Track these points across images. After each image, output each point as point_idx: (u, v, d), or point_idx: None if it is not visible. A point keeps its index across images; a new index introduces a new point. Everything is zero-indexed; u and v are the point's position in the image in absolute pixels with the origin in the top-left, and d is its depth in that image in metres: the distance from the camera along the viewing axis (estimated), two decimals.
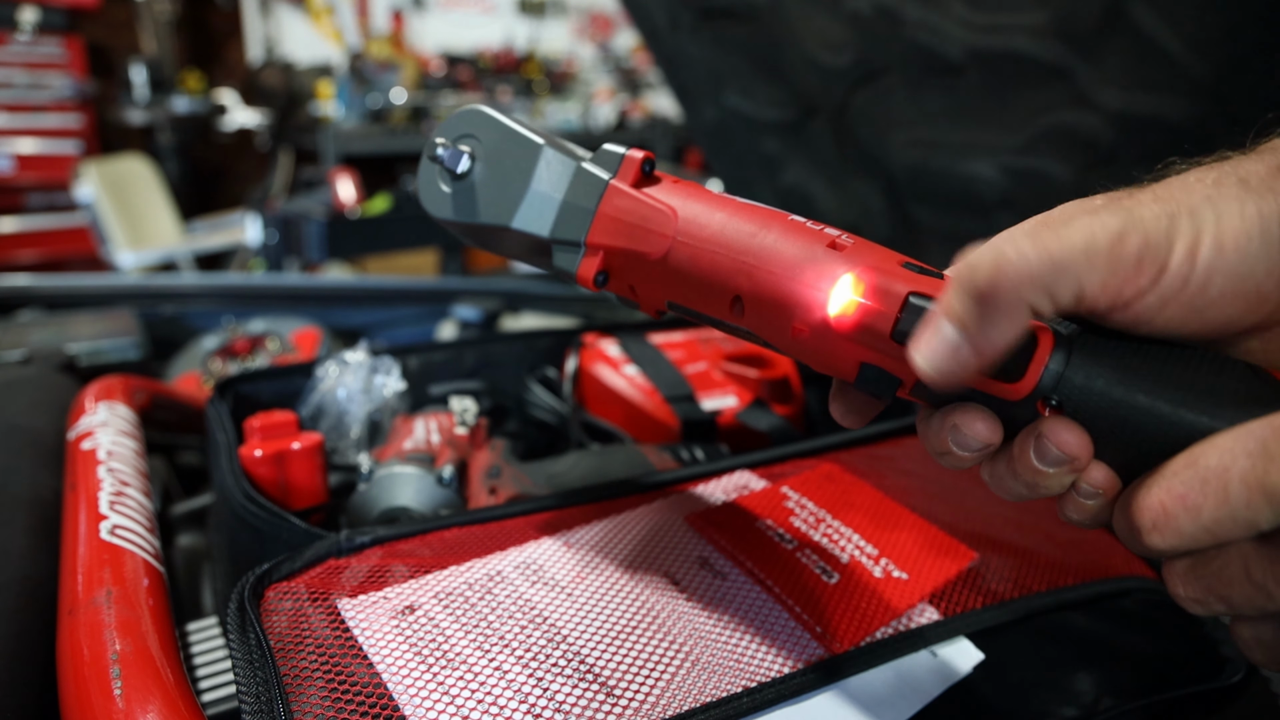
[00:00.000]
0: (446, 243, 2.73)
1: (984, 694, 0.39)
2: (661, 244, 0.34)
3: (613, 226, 0.36)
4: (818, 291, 0.30)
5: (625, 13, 1.17)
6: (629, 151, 0.37)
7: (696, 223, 0.34)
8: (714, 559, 0.44)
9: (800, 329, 0.31)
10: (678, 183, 0.36)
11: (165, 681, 0.37)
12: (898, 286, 0.29)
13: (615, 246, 0.36)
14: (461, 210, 0.40)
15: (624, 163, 0.36)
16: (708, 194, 0.35)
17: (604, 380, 0.70)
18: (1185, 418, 0.25)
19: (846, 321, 0.29)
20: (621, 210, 0.35)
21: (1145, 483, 0.25)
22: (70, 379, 0.76)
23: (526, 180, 0.38)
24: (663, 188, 0.36)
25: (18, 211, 3.53)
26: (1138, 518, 0.25)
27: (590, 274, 0.36)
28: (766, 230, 0.32)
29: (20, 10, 3.34)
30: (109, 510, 0.48)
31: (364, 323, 1.22)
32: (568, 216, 0.37)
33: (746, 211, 0.33)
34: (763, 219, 0.33)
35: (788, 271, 0.31)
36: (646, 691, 0.35)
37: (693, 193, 0.35)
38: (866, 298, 0.29)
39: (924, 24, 0.80)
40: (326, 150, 3.53)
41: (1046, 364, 0.27)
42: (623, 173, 0.36)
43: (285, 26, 4.15)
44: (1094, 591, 0.45)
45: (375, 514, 0.54)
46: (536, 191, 0.38)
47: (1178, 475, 0.24)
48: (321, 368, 0.67)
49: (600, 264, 0.36)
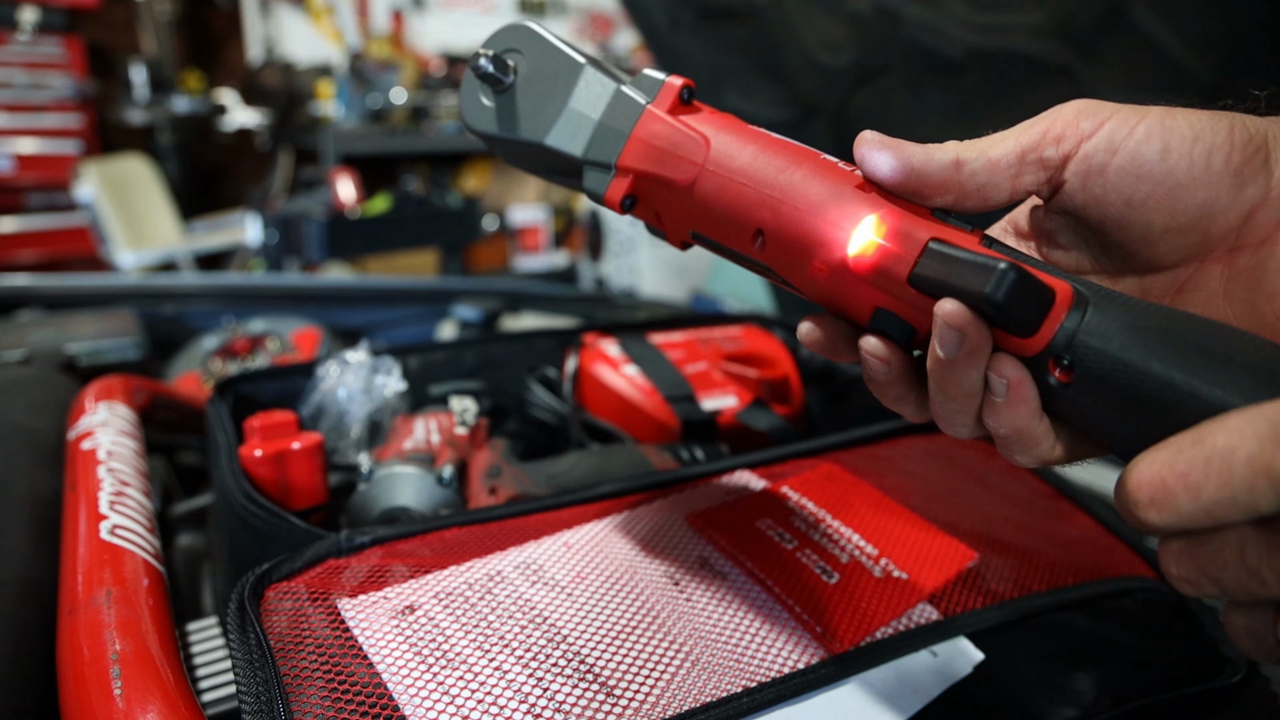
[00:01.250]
0: (446, 242, 2.73)
1: (984, 694, 0.39)
2: (690, 171, 0.34)
3: (645, 151, 0.35)
4: (839, 230, 0.30)
5: (625, 13, 1.17)
6: (669, 77, 0.36)
7: (727, 153, 0.33)
8: (714, 559, 0.44)
9: (819, 268, 0.31)
10: (715, 114, 0.36)
11: (165, 681, 0.37)
12: (920, 231, 0.28)
13: (645, 171, 0.35)
14: (499, 123, 0.40)
15: (663, 88, 0.36)
16: (744, 127, 0.35)
17: (604, 380, 0.70)
18: (1199, 391, 0.24)
19: (865, 262, 0.29)
20: (655, 135, 0.35)
21: (1148, 456, 0.24)
22: (70, 379, 0.76)
23: (565, 98, 0.37)
24: (700, 117, 0.35)
25: (18, 211, 3.53)
26: (1137, 491, 0.24)
27: (618, 197, 0.36)
28: (796, 166, 0.32)
29: (20, 10, 3.34)
30: (109, 510, 0.48)
31: (364, 323, 1.22)
32: (602, 137, 0.37)
33: (779, 147, 0.33)
34: (795, 155, 0.32)
35: (812, 208, 0.31)
36: (646, 691, 0.35)
37: (729, 124, 0.35)
38: (887, 240, 0.29)
39: (924, 24, 0.80)
40: (326, 150, 3.53)
41: (1062, 321, 0.26)
42: (661, 98, 0.36)
43: (285, 26, 4.15)
44: (1094, 591, 0.45)
45: (375, 514, 0.54)
46: (574, 110, 0.37)
47: (1183, 452, 0.23)
48: (322, 368, 0.67)
49: (629, 188, 0.36)
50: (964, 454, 0.59)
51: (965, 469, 0.57)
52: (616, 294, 1.28)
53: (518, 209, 4.20)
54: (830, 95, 0.96)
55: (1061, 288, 0.27)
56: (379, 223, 2.41)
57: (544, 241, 4.27)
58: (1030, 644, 0.42)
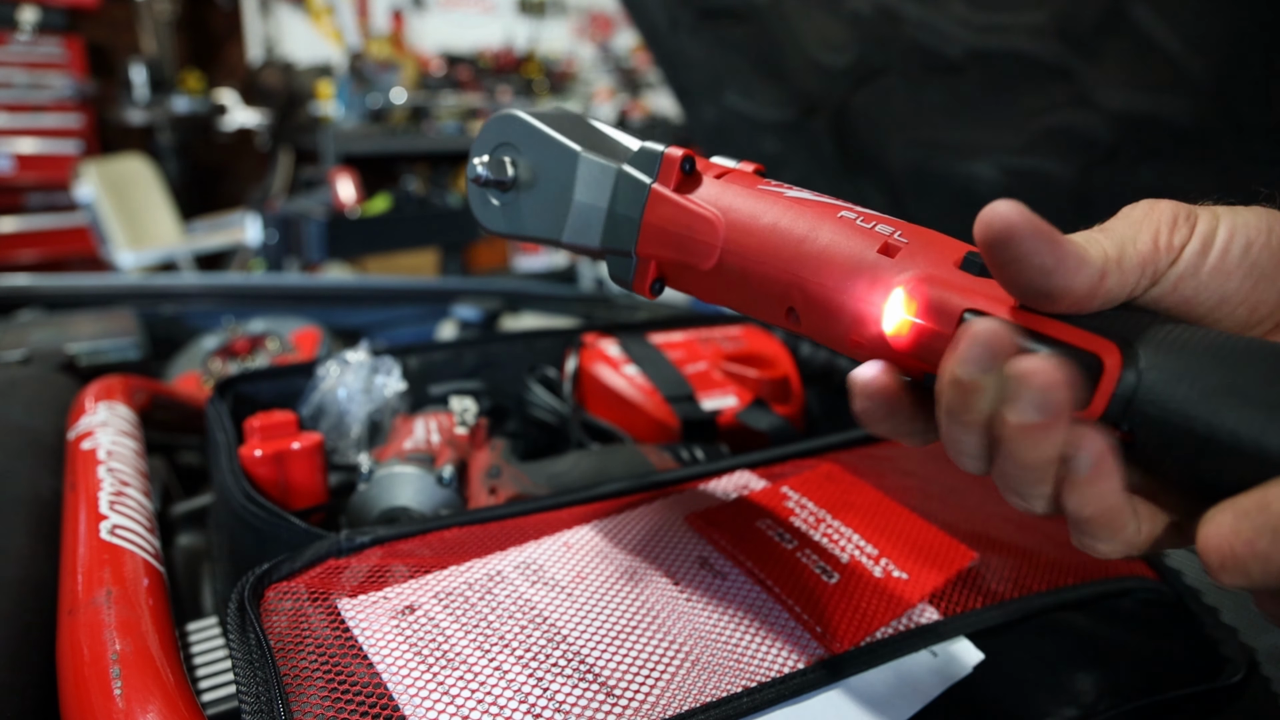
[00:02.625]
0: (446, 242, 2.73)
1: (984, 694, 0.39)
2: (709, 254, 0.32)
3: (660, 236, 0.34)
4: (870, 306, 0.28)
5: (625, 13, 1.17)
6: (667, 150, 0.34)
7: (744, 229, 0.32)
8: (714, 559, 0.44)
9: (858, 342, 0.29)
10: (722, 176, 0.34)
11: (165, 681, 0.37)
12: (953, 301, 0.26)
13: (665, 257, 0.34)
14: (512, 223, 0.39)
15: (663, 165, 0.34)
16: (753, 191, 0.33)
17: (604, 380, 0.70)
18: (1268, 448, 0.22)
19: (903, 341, 0.28)
20: (666, 219, 0.34)
21: (1215, 518, 0.23)
22: (70, 379, 0.76)
23: (569, 190, 0.36)
24: (706, 188, 0.34)
25: (18, 211, 3.53)
26: (1207, 555, 0.23)
27: (645, 285, 0.35)
28: (815, 235, 0.30)
29: (20, 10, 3.34)
30: (109, 510, 0.48)
31: (364, 323, 1.22)
32: (615, 227, 0.35)
33: (795, 213, 0.31)
34: (813, 218, 0.30)
35: (839, 284, 0.29)
36: (646, 691, 0.35)
37: (738, 191, 0.33)
38: (920, 316, 0.27)
39: (924, 24, 0.80)
40: (326, 150, 3.53)
41: (1114, 390, 0.24)
42: (663, 175, 0.34)
43: (285, 26, 4.15)
44: (1094, 591, 0.45)
45: (375, 514, 0.54)
46: (581, 202, 0.36)
47: (1248, 518, 0.22)
48: (322, 368, 0.67)
49: (655, 272, 0.35)
50: None
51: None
52: (616, 294, 1.28)
53: None
54: (830, 95, 0.97)
55: (1108, 352, 0.24)
56: (379, 223, 2.41)
57: None
58: (1030, 644, 0.42)
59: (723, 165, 0.36)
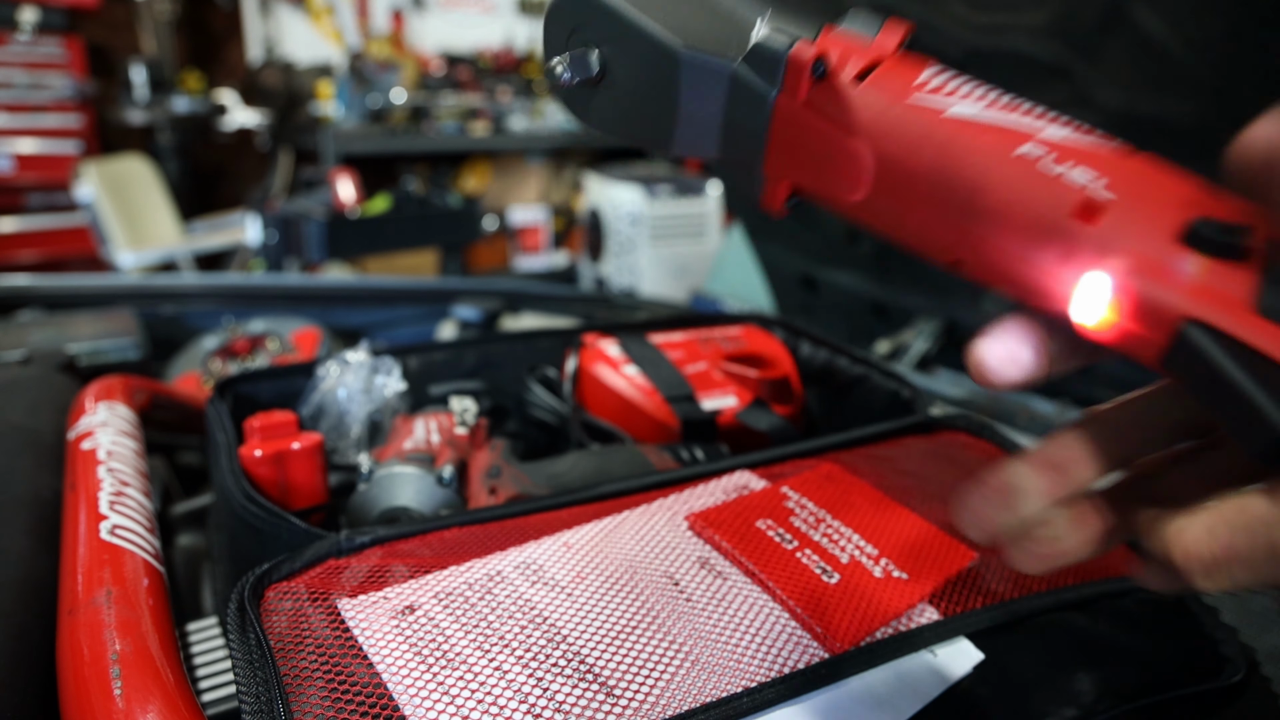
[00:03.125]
0: (446, 242, 2.73)
1: (984, 694, 0.39)
2: (854, 188, 0.27)
3: (791, 157, 0.28)
4: (1060, 284, 0.23)
5: None
6: (795, 46, 0.27)
7: (896, 164, 0.26)
8: (714, 559, 0.44)
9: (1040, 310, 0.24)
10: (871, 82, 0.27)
11: (165, 681, 0.37)
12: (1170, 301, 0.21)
13: (801, 181, 0.29)
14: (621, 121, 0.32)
15: (788, 69, 0.27)
16: (908, 110, 0.26)
17: (604, 380, 0.70)
18: None
19: (1103, 337, 0.22)
20: (797, 140, 0.28)
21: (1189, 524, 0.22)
22: (70, 379, 0.76)
23: (674, 97, 0.30)
24: (849, 98, 0.27)
25: (18, 211, 3.53)
26: (1187, 563, 0.22)
27: (778, 204, 0.30)
28: (988, 183, 0.24)
29: (20, 10, 3.34)
30: (109, 510, 0.48)
31: (364, 323, 1.22)
32: (735, 138, 0.29)
33: (964, 142, 0.25)
34: (986, 158, 0.24)
35: (1021, 251, 0.23)
36: (646, 691, 0.35)
37: (887, 107, 0.26)
38: (1125, 318, 0.21)
39: (924, 24, 0.80)
40: (326, 150, 3.53)
41: None
42: (788, 84, 0.27)
43: (285, 26, 4.15)
44: (1094, 591, 0.45)
45: (375, 514, 0.54)
46: (689, 112, 0.30)
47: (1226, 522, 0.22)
48: (322, 368, 0.67)
49: (788, 190, 0.29)
50: (964, 454, 0.59)
51: (965, 469, 0.57)
52: (616, 294, 1.28)
53: (518, 209, 4.20)
54: None
55: None
56: (379, 223, 2.41)
57: (544, 241, 4.27)
58: (1030, 644, 0.42)
59: (864, 45, 0.28)
